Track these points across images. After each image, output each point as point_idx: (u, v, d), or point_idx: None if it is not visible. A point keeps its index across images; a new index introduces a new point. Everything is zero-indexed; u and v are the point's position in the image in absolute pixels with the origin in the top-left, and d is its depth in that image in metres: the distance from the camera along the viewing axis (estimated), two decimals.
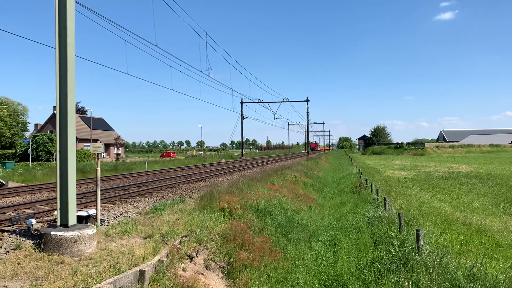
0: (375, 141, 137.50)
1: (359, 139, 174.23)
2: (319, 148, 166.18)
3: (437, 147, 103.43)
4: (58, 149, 7.59)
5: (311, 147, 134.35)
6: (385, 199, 13.60)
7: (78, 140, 65.14)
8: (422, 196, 20.46)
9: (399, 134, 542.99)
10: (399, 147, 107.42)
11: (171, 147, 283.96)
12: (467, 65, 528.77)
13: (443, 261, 7.34)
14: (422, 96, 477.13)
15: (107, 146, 75.41)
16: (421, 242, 7.99)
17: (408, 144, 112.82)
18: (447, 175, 32.65)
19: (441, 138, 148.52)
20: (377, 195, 16.30)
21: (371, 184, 19.93)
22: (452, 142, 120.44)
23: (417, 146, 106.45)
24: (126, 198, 14.60)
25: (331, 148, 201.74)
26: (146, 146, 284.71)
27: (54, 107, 8.98)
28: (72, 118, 7.63)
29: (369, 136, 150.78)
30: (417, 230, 8.10)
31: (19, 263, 6.33)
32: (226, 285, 8.06)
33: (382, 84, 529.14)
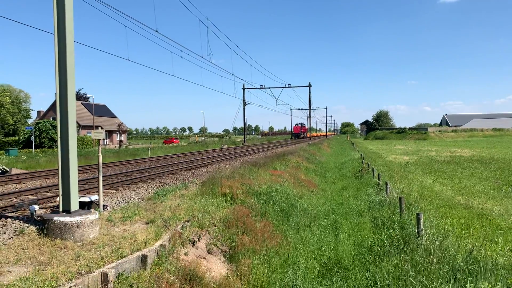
0: (378, 126, 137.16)
1: (361, 124, 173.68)
2: (310, 134, 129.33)
3: (439, 131, 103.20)
4: (59, 136, 7.61)
5: (294, 133, 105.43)
6: (386, 184, 13.63)
7: (81, 126, 65.25)
8: (424, 180, 20.49)
9: (402, 118, 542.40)
10: (401, 131, 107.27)
11: (173, 133, 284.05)
12: (472, 48, 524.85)
13: (443, 244, 7.39)
14: (425, 81, 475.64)
15: (109, 133, 75.55)
16: (422, 226, 8.04)
17: (410, 128, 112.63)
18: (449, 159, 32.64)
19: (444, 122, 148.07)
20: (379, 180, 16.33)
21: (373, 168, 19.96)
22: (455, 126, 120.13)
23: (420, 130, 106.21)
24: (129, 184, 14.68)
25: (333, 133, 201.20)
26: (149, 133, 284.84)
27: (56, 94, 9.08)
28: (73, 104, 7.63)
29: (371, 121, 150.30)
30: (418, 214, 8.13)
31: (23, 249, 6.41)
32: (228, 269, 8.14)
33: (385, 69, 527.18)
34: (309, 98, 63.41)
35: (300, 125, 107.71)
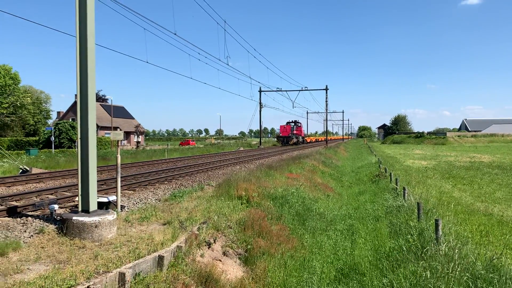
0: (395, 130, 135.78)
1: (379, 128, 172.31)
2: (310, 139, 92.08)
3: (458, 136, 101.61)
4: (79, 136, 7.73)
5: (281, 136, 68.10)
6: (404, 189, 13.46)
7: (99, 127, 66.15)
8: (442, 186, 20.18)
9: (420, 123, 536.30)
10: (419, 136, 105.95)
11: (190, 135, 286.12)
12: (494, 52, 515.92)
13: (463, 251, 7.26)
14: (445, 84, 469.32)
15: (127, 134, 76.40)
16: (440, 232, 7.91)
17: (429, 133, 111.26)
18: (468, 165, 32.08)
19: (463, 127, 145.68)
20: (396, 185, 16.15)
21: (390, 173, 19.74)
22: (475, 131, 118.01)
23: (438, 135, 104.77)
24: (146, 185, 14.80)
25: (350, 137, 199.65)
26: (166, 134, 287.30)
27: (76, 95, 9.26)
28: (93, 106, 7.75)
29: (389, 125, 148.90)
30: (436, 220, 8.01)
31: (43, 247, 6.52)
32: (243, 272, 8.14)
33: (404, 72, 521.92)
34: (326, 101, 63.16)
35: (292, 124, 70.52)
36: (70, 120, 61.94)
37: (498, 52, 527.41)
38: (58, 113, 76.35)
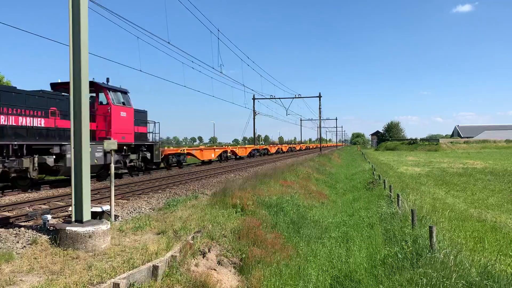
0: (389, 137, 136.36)
1: (372, 135, 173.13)
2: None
3: (451, 142, 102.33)
4: (72, 146, 7.69)
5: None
6: (398, 196, 13.50)
7: None
8: (435, 192, 20.27)
9: (413, 129, 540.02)
10: (412, 143, 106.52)
11: (184, 143, 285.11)
12: (485, 58, 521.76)
13: (457, 258, 7.27)
14: (438, 91, 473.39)
15: None
16: (434, 239, 7.93)
17: (422, 140, 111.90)
18: (461, 171, 32.26)
19: (455, 133, 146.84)
20: (390, 192, 16.18)
21: (384, 180, 19.79)
22: (467, 137, 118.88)
23: (431, 142, 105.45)
24: (140, 194, 14.74)
25: (343, 144, 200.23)
26: (159, 142, 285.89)
27: (69, 103, 9.16)
28: (86, 114, 7.72)
29: (382, 132, 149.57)
30: (430, 227, 8.03)
31: (36, 258, 6.45)
32: (238, 281, 8.09)
33: (397, 79, 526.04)
34: (319, 108, 63.38)
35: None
36: None
37: (490, 59, 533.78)
38: None
